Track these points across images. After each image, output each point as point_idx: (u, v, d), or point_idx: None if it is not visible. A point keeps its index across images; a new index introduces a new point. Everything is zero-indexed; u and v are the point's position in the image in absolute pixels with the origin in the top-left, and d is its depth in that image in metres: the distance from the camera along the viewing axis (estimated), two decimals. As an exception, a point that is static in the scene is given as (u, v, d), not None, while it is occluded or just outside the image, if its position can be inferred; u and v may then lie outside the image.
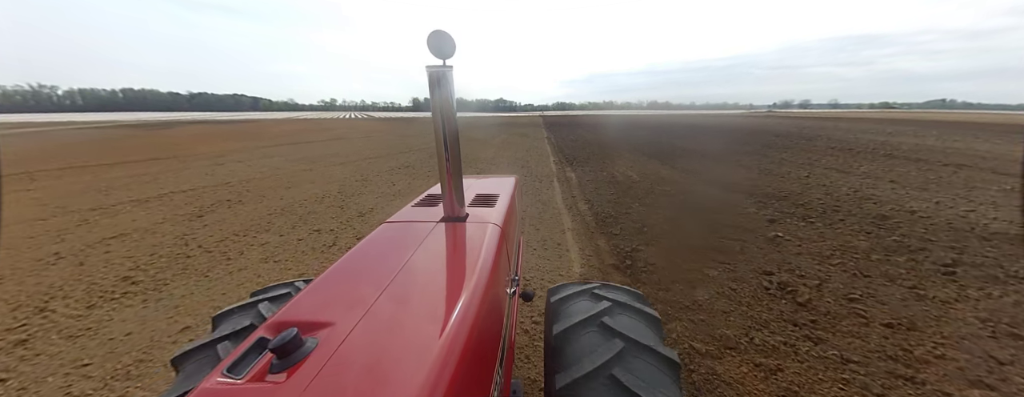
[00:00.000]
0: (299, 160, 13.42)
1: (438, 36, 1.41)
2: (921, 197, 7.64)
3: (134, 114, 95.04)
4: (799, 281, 4.01)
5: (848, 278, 4.14)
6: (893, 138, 20.78)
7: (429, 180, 9.71)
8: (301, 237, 5.48)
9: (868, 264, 4.49)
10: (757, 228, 5.66)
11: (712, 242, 5.07)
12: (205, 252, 4.99)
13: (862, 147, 16.37)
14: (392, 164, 12.37)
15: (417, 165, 12.19)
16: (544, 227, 5.86)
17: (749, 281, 3.99)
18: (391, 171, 11.04)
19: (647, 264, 4.38)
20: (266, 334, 0.91)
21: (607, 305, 1.46)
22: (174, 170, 11.47)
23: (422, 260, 1.31)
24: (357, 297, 1.06)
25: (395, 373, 0.77)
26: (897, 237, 5.35)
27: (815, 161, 12.50)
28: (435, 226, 1.63)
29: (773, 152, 15.21)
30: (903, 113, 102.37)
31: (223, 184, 9.25)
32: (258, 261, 4.68)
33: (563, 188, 8.75)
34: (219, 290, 3.97)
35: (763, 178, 9.67)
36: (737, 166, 11.66)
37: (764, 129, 30.25)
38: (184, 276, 4.32)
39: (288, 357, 0.80)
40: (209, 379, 0.78)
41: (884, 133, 24.22)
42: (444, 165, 1.63)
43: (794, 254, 4.74)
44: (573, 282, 1.78)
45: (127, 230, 5.93)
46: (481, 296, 1.10)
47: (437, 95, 1.48)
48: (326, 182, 9.50)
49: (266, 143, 19.90)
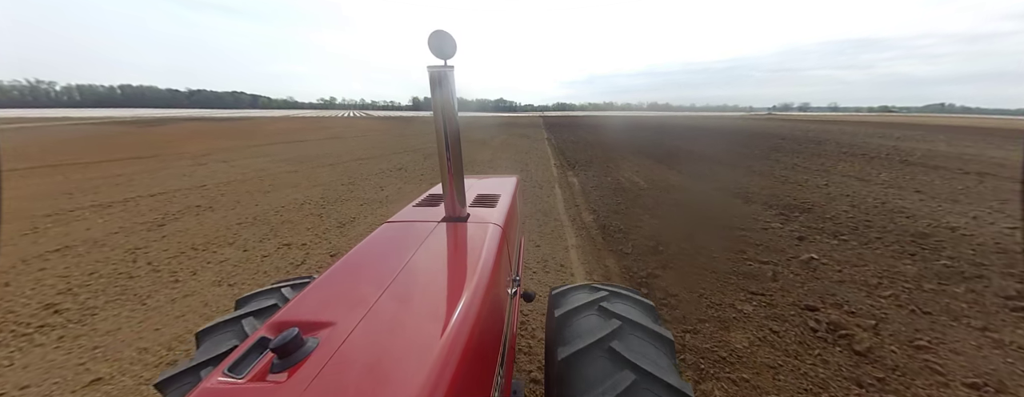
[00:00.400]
0: (287, 160, 12.73)
1: (439, 36, 1.39)
2: (955, 210, 7.00)
3: (131, 110, 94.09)
4: (851, 320, 3.35)
5: (906, 316, 3.48)
6: (903, 143, 20.16)
7: (422, 184, 9.05)
8: (267, 253, 4.81)
9: (924, 297, 3.84)
10: (786, 248, 5.01)
11: (739, 265, 4.41)
12: (152, 271, 4.32)
13: (874, 152, 15.75)
14: (384, 166, 11.69)
15: (410, 167, 11.51)
16: (545, 242, 5.20)
17: (791, 320, 3.33)
18: (382, 174, 10.36)
19: (667, 295, 3.71)
20: (267, 334, 0.90)
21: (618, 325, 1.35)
22: (152, 170, 10.78)
23: (423, 260, 1.30)
24: (358, 297, 1.06)
25: (396, 373, 0.77)
26: (946, 261, 4.70)
27: (830, 167, 11.85)
28: (436, 226, 1.62)
29: (783, 156, 14.58)
30: (903, 117, 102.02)
31: (198, 187, 8.57)
32: (209, 284, 4.00)
33: (565, 195, 8.09)
34: (152, 324, 3.29)
35: (780, 186, 9.01)
36: (749, 172, 11.01)
37: (767, 132, 29.65)
38: (118, 303, 3.65)
39: (289, 357, 0.79)
40: (210, 378, 0.77)
41: (891, 137, 23.62)
42: (445, 165, 1.60)
43: (836, 282, 4.09)
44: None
45: (75, 241, 5.25)
46: (482, 296, 1.09)
47: (438, 95, 1.46)
48: (310, 186, 8.82)
49: (259, 141, 19.22)
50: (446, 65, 1.43)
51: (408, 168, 11.38)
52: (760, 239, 5.32)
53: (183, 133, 24.80)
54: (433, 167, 11.58)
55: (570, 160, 13.35)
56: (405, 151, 15.53)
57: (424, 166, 11.79)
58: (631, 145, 18.47)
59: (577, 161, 13.03)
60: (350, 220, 6.18)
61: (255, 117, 59.70)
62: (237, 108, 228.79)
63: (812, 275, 4.21)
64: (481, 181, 2.57)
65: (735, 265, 4.41)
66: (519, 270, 2.18)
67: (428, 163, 12.43)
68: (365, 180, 9.48)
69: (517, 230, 2.32)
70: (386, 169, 11.12)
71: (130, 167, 11.30)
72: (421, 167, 11.56)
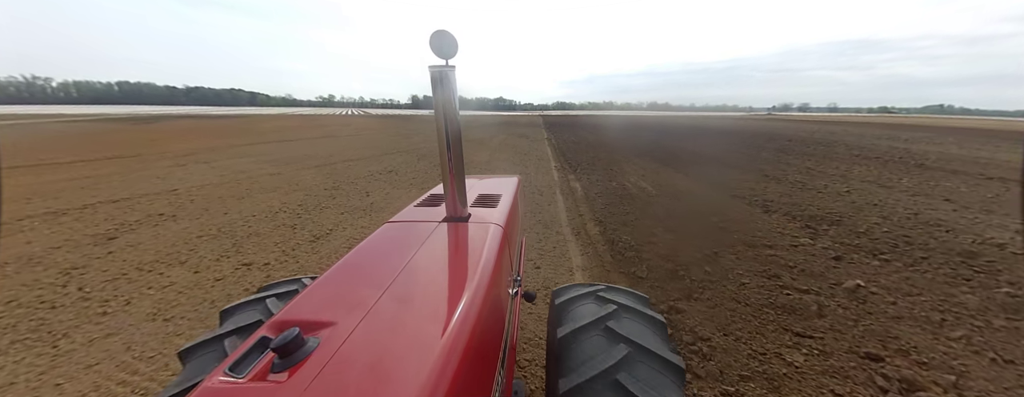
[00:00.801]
0: (272, 161, 12.03)
1: (440, 36, 1.37)
2: (994, 223, 6.36)
3: (127, 107, 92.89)
4: (924, 377, 2.70)
5: (988, 367, 2.83)
6: (913, 145, 19.56)
7: (412, 190, 8.37)
8: (221, 275, 4.13)
9: (998, 338, 3.18)
10: (825, 271, 4.35)
11: (775, 295, 3.75)
12: (81, 299, 3.64)
13: (886, 155, 15.11)
14: (374, 168, 11.01)
15: (402, 170, 10.83)
16: (545, 263, 4.54)
17: (855, 376, 2.68)
18: (370, 177, 9.68)
19: (696, 338, 3.05)
20: (268, 333, 0.88)
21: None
22: (127, 172, 10.08)
23: (424, 260, 1.28)
24: (359, 297, 1.04)
25: (397, 373, 0.76)
26: (1007, 288, 4.05)
27: (846, 172, 11.21)
28: (437, 226, 1.59)
29: (793, 159, 13.94)
30: (903, 118, 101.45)
31: (168, 192, 7.88)
32: (142, 317, 3.33)
33: (568, 203, 7.42)
34: (52, 379, 2.63)
35: (799, 193, 8.36)
36: (762, 177, 10.36)
37: (771, 132, 29.02)
38: (24, 345, 2.97)
39: (290, 357, 0.78)
40: (211, 378, 0.75)
41: (899, 139, 23.03)
42: (446, 165, 1.56)
43: (892, 317, 3.43)
44: None
45: (7, 259, 4.57)
46: (483, 296, 1.08)
47: (439, 95, 1.43)
48: (290, 190, 8.14)
49: (248, 140, 18.50)
50: (447, 65, 1.41)
51: (399, 171, 10.69)
52: (792, 259, 4.66)
53: (174, 131, 24.06)
54: (427, 169, 10.91)
55: (571, 162, 12.69)
56: (398, 151, 14.85)
57: (417, 168, 11.10)
58: (634, 146, 17.82)
59: (579, 163, 12.36)
60: (326, 233, 5.51)
61: (251, 115, 58.87)
62: (236, 105, 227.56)
63: (863, 309, 3.56)
64: (482, 181, 2.56)
65: (771, 295, 3.75)
66: (520, 270, 2.19)
67: (422, 165, 11.75)
68: (351, 184, 8.80)
69: (518, 230, 2.33)
70: (375, 172, 10.44)
71: (105, 168, 10.60)
72: (413, 170, 10.88)
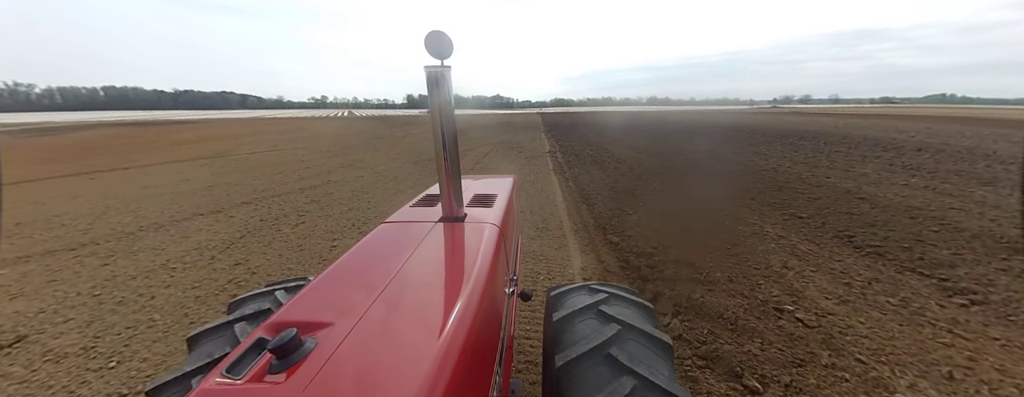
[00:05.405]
0: (113, 208, 9.01)
1: (436, 37, 1.39)
2: None
3: (110, 113, 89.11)
4: None
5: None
6: (961, 141, 16.80)
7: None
8: None
9: None
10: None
11: None
12: None
13: (949, 157, 12.05)
14: (299, 201, 7.99)
15: (307, 244, 6.46)
16: None
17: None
18: (193, 282, 6.68)
19: None
20: (265, 334, 0.88)
21: None
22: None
23: (420, 260, 1.29)
24: (356, 297, 1.04)
25: (394, 373, 0.76)
26: None
27: (931, 184, 8.30)
28: (433, 226, 1.61)
29: (838, 159, 10.85)
30: (911, 108, 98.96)
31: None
32: None
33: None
34: None
35: (893, 220, 5.50)
36: (834, 208, 7.48)
37: (785, 129, 26.14)
38: None
39: (287, 357, 0.78)
40: (208, 379, 0.76)
41: (935, 134, 20.26)
42: (443, 165, 1.59)
43: None
44: None
45: None
46: (479, 296, 1.08)
47: (436, 95, 1.46)
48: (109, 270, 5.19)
49: (153, 159, 14.93)
50: (443, 65, 1.43)
51: (303, 244, 5.61)
52: None
53: (79, 143, 20.76)
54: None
55: (596, 215, 7.30)
56: (352, 166, 11.49)
57: (352, 220, 7.04)
58: (658, 162, 13.52)
59: (597, 208, 7.23)
60: None
61: (213, 119, 54.11)
62: (226, 109, 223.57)
63: None
64: (478, 181, 2.57)
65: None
66: (516, 269, 2.17)
67: (395, 185, 8.69)
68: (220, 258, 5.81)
69: (515, 230, 2.34)
70: (293, 211, 7.44)
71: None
72: (366, 201, 7.83)
